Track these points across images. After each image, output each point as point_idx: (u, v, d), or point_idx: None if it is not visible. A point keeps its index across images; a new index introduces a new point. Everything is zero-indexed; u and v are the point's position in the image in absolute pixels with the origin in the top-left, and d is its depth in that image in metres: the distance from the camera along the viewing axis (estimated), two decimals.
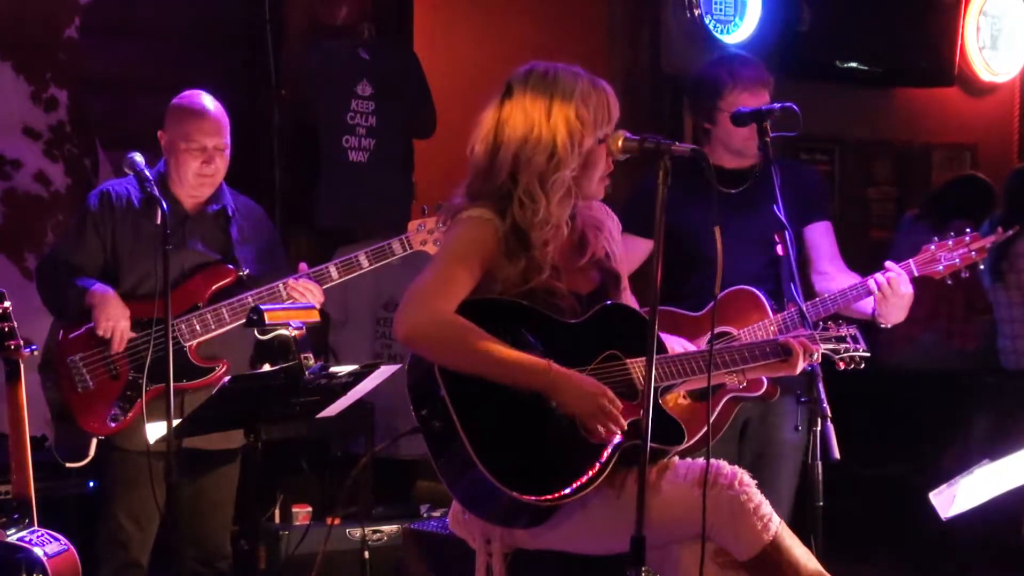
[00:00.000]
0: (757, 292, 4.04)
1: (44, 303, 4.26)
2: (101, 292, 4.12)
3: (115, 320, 4.08)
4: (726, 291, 4.02)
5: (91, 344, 4.12)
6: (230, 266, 4.26)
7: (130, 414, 4.13)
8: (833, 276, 4.19)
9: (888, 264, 3.96)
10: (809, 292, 4.19)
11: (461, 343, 2.94)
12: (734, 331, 3.99)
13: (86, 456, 4.13)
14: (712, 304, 3.90)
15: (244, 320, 4.15)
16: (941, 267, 3.96)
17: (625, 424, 2.97)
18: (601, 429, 2.97)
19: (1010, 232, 4.13)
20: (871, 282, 3.94)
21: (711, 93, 4.14)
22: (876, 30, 7.20)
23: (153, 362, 4.10)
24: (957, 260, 3.96)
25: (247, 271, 4.27)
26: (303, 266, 4.26)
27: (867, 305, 3.98)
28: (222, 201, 4.32)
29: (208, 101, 4.27)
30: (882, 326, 3.95)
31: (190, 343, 4.14)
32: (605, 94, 3.09)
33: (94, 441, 4.13)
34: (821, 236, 4.26)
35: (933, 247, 3.98)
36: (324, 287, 4.26)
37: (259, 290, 4.19)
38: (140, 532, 4.23)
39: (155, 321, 4.11)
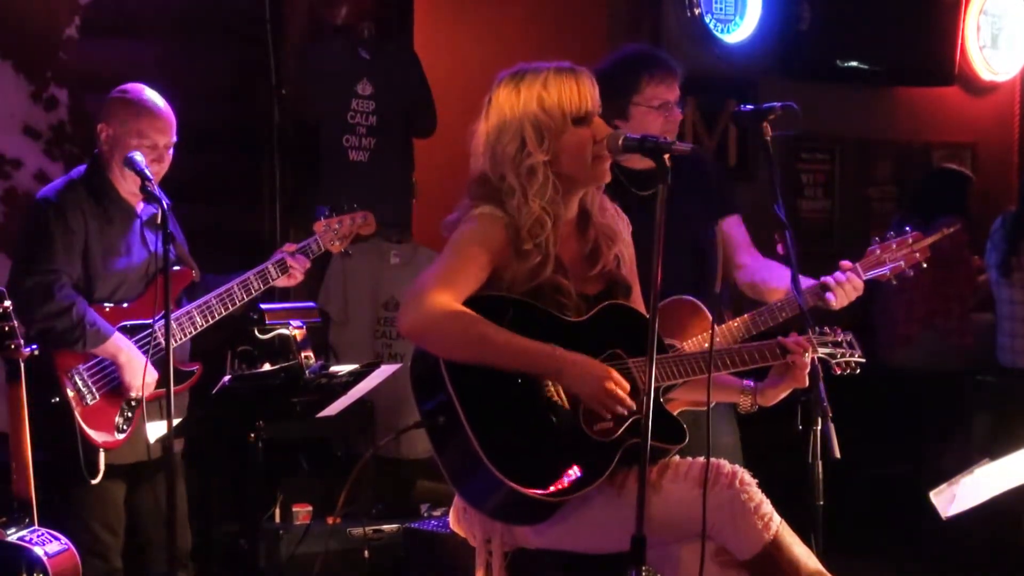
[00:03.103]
0: (695, 300, 3.92)
1: (30, 326, 3.92)
2: (127, 347, 4.02)
3: (148, 376, 4.01)
4: (663, 303, 3.93)
5: (89, 355, 4.03)
6: (184, 267, 4.19)
7: (133, 423, 4.10)
8: (755, 269, 4.11)
9: (843, 263, 3.90)
10: (732, 286, 4.15)
11: (466, 332, 2.94)
12: (677, 344, 3.89)
13: (97, 472, 4.03)
14: (712, 304, 3.89)
15: (212, 322, 4.14)
16: (888, 270, 3.90)
17: (633, 404, 2.97)
18: (607, 413, 2.97)
19: (952, 229, 4.08)
20: (830, 280, 3.84)
21: (626, 87, 3.99)
22: (876, 30, 7.21)
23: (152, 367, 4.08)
24: (901, 262, 3.91)
25: (198, 272, 4.24)
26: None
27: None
28: (162, 199, 4.11)
29: (157, 97, 4.19)
30: (828, 308, 3.89)
31: (171, 348, 3.95)
32: (573, 78, 3.09)
33: (101, 454, 4.04)
34: (737, 230, 4.17)
35: (878, 250, 3.91)
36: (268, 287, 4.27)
37: (218, 291, 4.16)
38: (115, 539, 4.20)
39: (138, 327, 4.08)
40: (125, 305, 4.13)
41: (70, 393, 4.01)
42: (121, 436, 4.08)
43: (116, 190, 4.17)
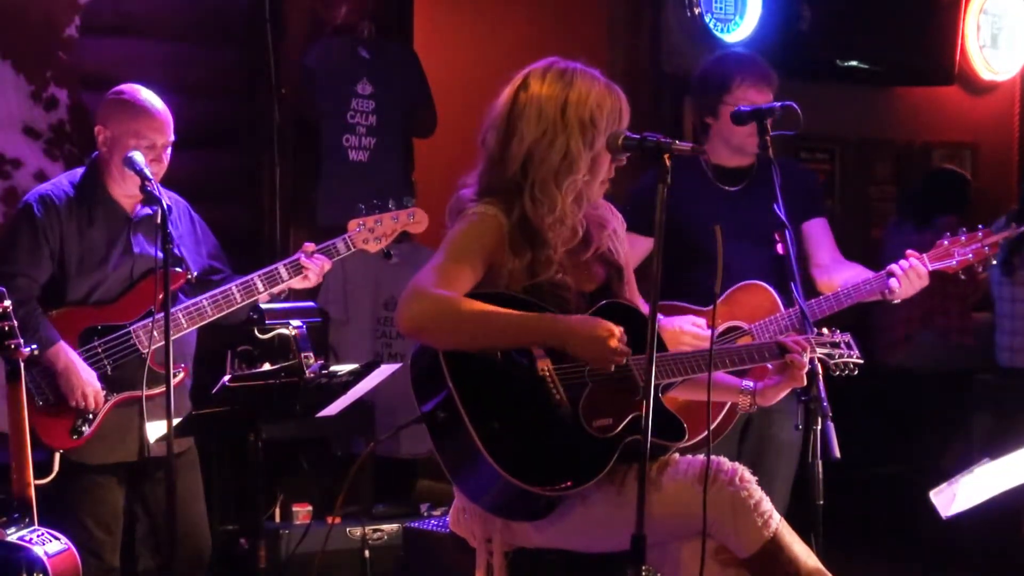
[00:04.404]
0: (768, 287, 4.08)
1: None
2: (65, 357, 3.99)
3: (84, 389, 3.99)
4: (737, 285, 4.06)
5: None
6: (178, 269, 4.16)
7: (94, 426, 4.07)
8: (832, 268, 4.28)
9: (909, 252, 4.05)
10: (810, 286, 4.24)
11: (463, 315, 2.94)
12: (745, 326, 4.02)
13: (51, 472, 4.01)
14: (720, 299, 3.94)
15: (200, 324, 4.13)
16: (955, 262, 4.04)
17: (629, 351, 2.98)
18: (612, 368, 2.99)
19: (1023, 228, 4.19)
20: (895, 267, 4.01)
21: (718, 87, 4.18)
22: (876, 29, 7.20)
23: (115, 370, 4.07)
24: (970, 255, 4.03)
25: (195, 273, 4.21)
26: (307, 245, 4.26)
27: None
28: (161, 199, 4.11)
29: (153, 97, 4.18)
30: (892, 301, 4.07)
31: (149, 349, 4.03)
32: (619, 100, 3.09)
33: (57, 456, 4.03)
34: (819, 231, 4.34)
35: (946, 242, 4.07)
36: (275, 290, 4.23)
37: (213, 293, 4.14)
38: (110, 537, 4.19)
39: (111, 328, 4.07)
40: (102, 306, 4.12)
41: (27, 394, 3.94)
42: (78, 438, 4.06)
43: (108, 193, 4.16)
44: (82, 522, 4.13)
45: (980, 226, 4.10)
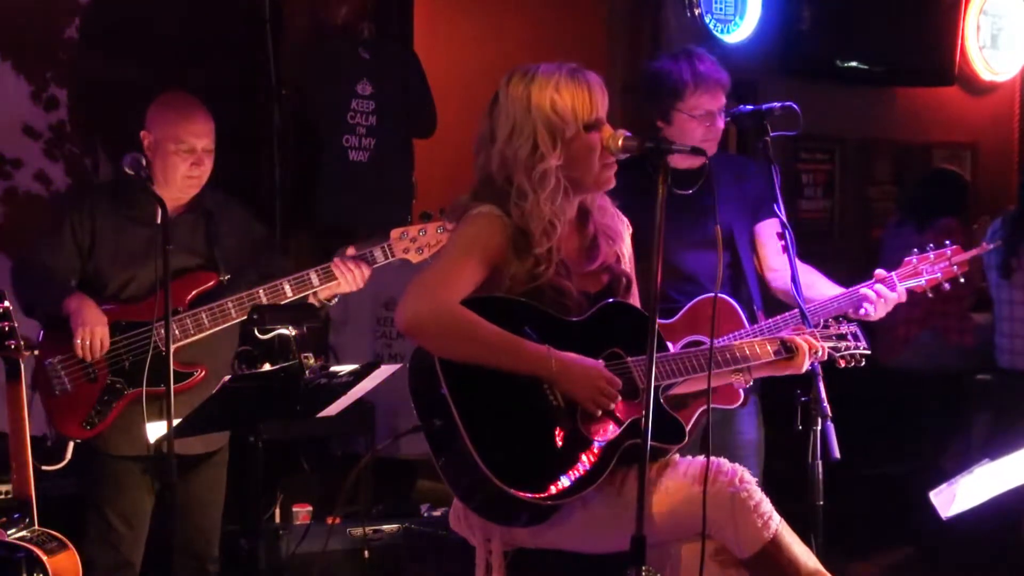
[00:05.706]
0: (731, 300, 3.99)
1: (16, 301, 4.07)
2: (78, 300, 4.05)
3: (92, 328, 4.01)
4: (698, 299, 3.99)
5: (70, 347, 4.03)
6: (211, 271, 4.20)
7: (107, 418, 4.09)
8: (786, 272, 4.15)
9: (877, 273, 3.97)
10: (765, 289, 4.18)
11: (461, 330, 2.95)
12: (705, 340, 3.93)
13: (63, 459, 4.06)
14: (680, 314, 3.91)
15: (224, 325, 4.14)
16: (923, 280, 3.96)
17: (617, 394, 2.98)
18: (597, 411, 2.98)
19: (991, 246, 4.14)
20: (868, 292, 3.93)
21: (671, 92, 4.05)
22: (876, 29, 7.21)
23: (132, 365, 4.08)
24: (939, 274, 3.96)
25: (228, 276, 4.22)
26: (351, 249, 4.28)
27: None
28: (203, 203, 4.27)
29: (195, 102, 4.25)
30: (866, 319, 3.98)
31: (153, 350, 4.03)
32: (585, 82, 3.08)
33: (71, 444, 4.07)
34: (773, 233, 4.16)
35: (915, 260, 3.97)
36: (321, 296, 4.24)
37: (239, 295, 4.14)
38: (131, 532, 4.20)
39: (136, 325, 4.09)
40: (131, 303, 4.14)
41: (45, 382, 4.04)
42: (90, 428, 4.08)
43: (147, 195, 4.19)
44: (101, 510, 4.16)
45: (948, 242, 4.03)
